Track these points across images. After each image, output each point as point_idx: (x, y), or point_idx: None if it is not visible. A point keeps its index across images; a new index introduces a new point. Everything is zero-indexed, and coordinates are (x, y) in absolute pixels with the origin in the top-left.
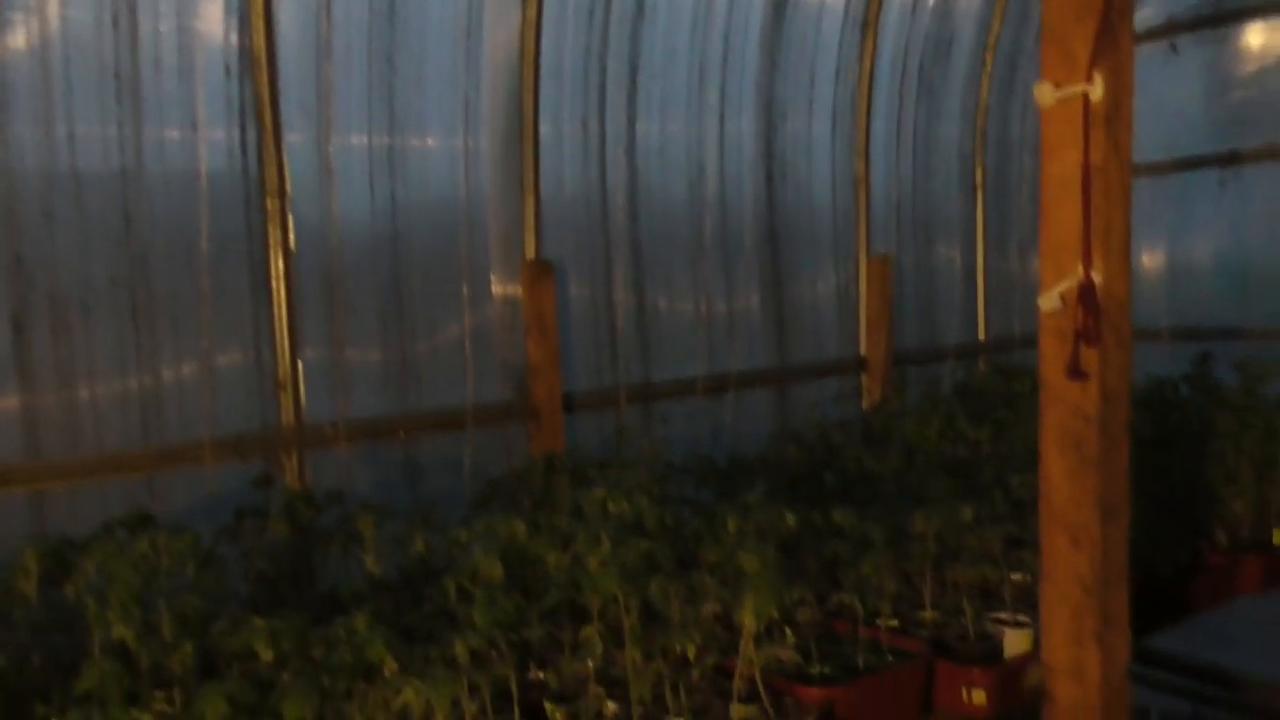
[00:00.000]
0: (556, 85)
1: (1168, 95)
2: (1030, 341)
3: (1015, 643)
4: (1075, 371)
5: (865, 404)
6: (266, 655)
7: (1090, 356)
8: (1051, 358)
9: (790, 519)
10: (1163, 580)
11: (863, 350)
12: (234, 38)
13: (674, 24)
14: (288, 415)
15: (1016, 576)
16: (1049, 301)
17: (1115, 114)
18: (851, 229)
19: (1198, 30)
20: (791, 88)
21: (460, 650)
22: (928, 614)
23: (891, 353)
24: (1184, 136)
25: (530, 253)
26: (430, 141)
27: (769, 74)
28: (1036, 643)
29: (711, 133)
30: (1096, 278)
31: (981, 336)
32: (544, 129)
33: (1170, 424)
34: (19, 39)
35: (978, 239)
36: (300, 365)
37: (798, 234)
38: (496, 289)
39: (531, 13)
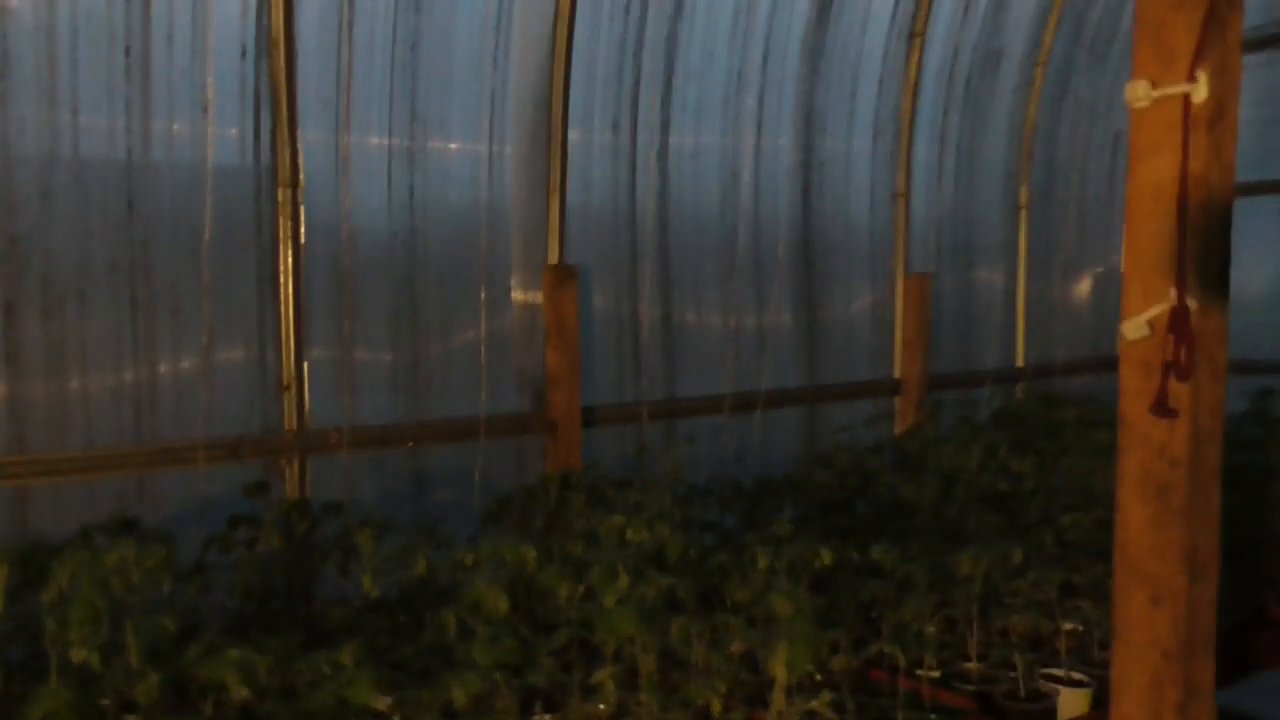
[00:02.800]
0: (588, 83)
1: None
2: (1072, 369)
3: (1071, 704)
4: (1163, 409)
5: (898, 428)
6: (240, 692)
7: (1180, 392)
8: (1134, 392)
9: (826, 556)
10: (1221, 635)
11: (897, 372)
12: (252, 17)
13: (713, 24)
14: (290, 418)
15: (1069, 626)
16: (1135, 329)
17: (1219, 118)
18: (889, 246)
19: (1261, 51)
20: (833, 96)
21: (458, 694)
22: (973, 665)
23: (928, 376)
24: (1241, 161)
25: (553, 257)
26: (453, 135)
27: (810, 81)
28: (1095, 705)
29: (748, 140)
30: (1190, 303)
31: (1019, 363)
32: (573, 129)
33: (1232, 464)
34: (25, 7)
35: (1019, 261)
36: (305, 366)
37: (833, 249)
38: (516, 295)
39: (565, 3)
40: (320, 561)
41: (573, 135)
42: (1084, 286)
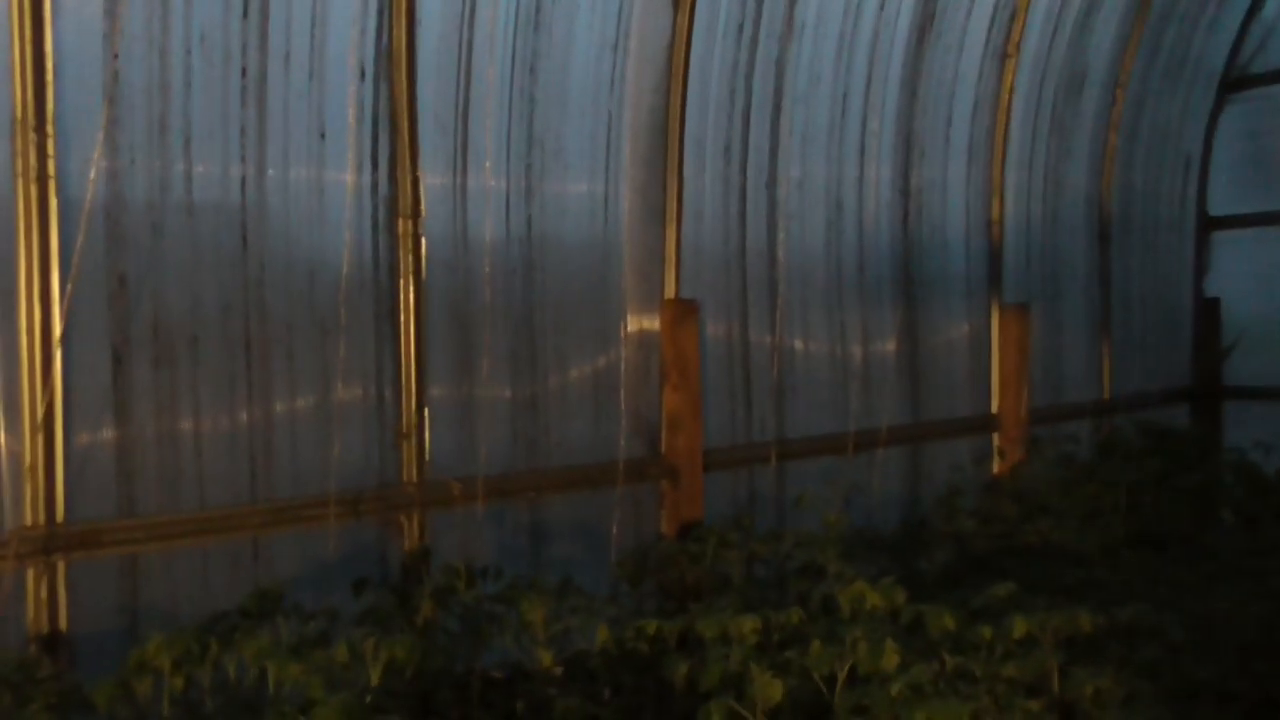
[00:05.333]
0: (700, 108)
1: None
2: (1170, 398)
3: None
4: None
5: (996, 465)
6: None
7: None
8: None
9: (1086, 622)
10: None
11: (994, 408)
12: (371, 35)
13: (820, 46)
14: (409, 469)
15: None
16: None
17: None
18: (982, 275)
19: None
20: (930, 121)
21: None
22: None
23: (1028, 412)
24: None
25: (670, 291)
26: (568, 160)
27: (909, 105)
28: None
29: (851, 166)
30: None
31: (1106, 394)
32: (686, 156)
33: None
34: (138, 27)
35: (1103, 290)
36: (426, 413)
37: (932, 279)
38: (629, 330)
39: (684, 23)
40: (488, 631)
41: (686, 161)
42: (1161, 314)
